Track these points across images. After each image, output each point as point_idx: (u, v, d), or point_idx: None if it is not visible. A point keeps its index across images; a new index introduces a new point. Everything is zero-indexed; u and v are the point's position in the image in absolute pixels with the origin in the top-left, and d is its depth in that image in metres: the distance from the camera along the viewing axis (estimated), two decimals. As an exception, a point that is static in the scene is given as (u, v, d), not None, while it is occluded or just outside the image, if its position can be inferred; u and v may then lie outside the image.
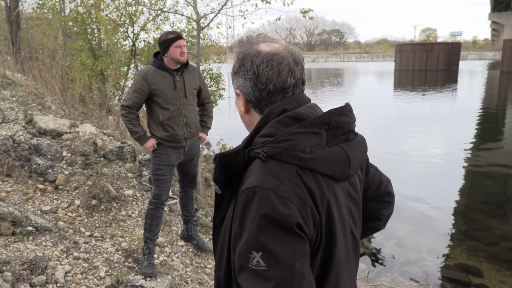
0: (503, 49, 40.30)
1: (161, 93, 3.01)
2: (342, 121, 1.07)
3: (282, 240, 0.90)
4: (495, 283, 4.11)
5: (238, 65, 1.10)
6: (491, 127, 12.69)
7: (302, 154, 0.96)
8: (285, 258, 0.90)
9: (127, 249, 3.54)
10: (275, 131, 1.00)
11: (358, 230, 1.17)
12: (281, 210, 0.91)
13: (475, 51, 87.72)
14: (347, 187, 1.10)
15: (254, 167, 0.99)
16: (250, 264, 0.91)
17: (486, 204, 6.27)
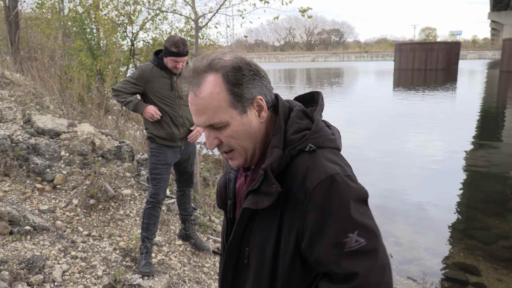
0: (502, 48, 40.31)
1: (156, 92, 3.02)
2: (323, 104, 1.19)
3: (367, 214, 0.99)
4: (492, 281, 4.12)
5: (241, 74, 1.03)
6: (491, 126, 12.71)
7: (332, 137, 1.08)
8: (375, 227, 0.99)
9: (124, 248, 3.55)
10: (305, 124, 1.07)
11: None
12: (358, 187, 1.00)
13: (475, 51, 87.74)
14: None
15: (305, 162, 1.01)
16: (349, 247, 0.95)
17: (484, 203, 6.29)
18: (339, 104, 17.80)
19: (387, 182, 7.22)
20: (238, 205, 1.21)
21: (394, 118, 14.08)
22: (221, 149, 1.09)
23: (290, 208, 1.02)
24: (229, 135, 1.05)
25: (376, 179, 7.39)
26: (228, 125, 1.04)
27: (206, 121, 1.03)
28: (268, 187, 1.01)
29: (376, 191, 6.76)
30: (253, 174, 1.14)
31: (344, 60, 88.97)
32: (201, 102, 1.02)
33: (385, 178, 7.41)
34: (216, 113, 1.02)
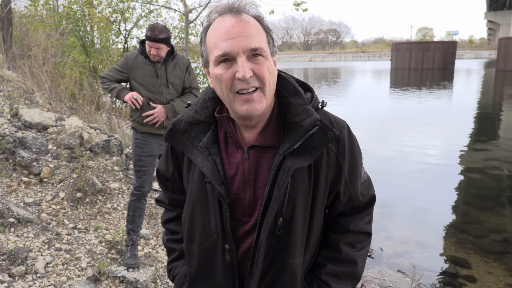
0: (498, 47, 40.42)
1: (140, 78, 2.99)
2: None
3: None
4: (482, 274, 4.10)
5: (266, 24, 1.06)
6: (487, 124, 12.72)
7: None
8: None
9: (110, 241, 3.51)
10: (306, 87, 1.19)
11: None
12: None
13: (471, 50, 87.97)
14: None
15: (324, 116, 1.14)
16: (363, 179, 1.24)
17: (477, 198, 6.27)
18: (336, 103, 17.81)
19: (382, 179, 7.21)
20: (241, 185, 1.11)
21: (392, 117, 14.08)
22: (249, 83, 1.00)
23: (322, 160, 1.10)
24: (267, 67, 1.02)
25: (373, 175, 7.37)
26: (266, 57, 1.03)
27: (252, 44, 0.99)
28: (321, 137, 1.06)
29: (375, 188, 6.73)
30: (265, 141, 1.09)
31: (341, 60, 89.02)
32: (248, 26, 1.00)
33: (381, 175, 7.40)
34: (261, 41, 1.02)
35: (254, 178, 1.10)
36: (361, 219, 1.24)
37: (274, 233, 1.09)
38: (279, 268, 1.11)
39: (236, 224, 1.14)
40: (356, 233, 1.23)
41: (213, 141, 1.13)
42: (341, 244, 1.20)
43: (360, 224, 1.24)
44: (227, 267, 1.14)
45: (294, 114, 1.07)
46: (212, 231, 1.14)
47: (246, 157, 1.10)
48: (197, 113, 1.14)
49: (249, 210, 1.12)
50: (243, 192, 1.11)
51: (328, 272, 1.18)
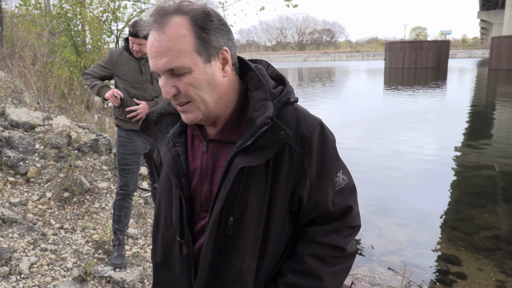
0: (491, 46, 40.67)
1: (124, 75, 2.96)
2: None
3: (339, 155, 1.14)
4: (473, 271, 4.09)
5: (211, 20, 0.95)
6: (481, 122, 12.78)
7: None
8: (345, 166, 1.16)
9: (98, 241, 3.47)
10: (279, 81, 1.11)
11: None
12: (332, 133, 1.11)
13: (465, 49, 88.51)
14: None
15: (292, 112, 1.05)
16: (339, 185, 1.10)
17: (469, 195, 6.28)
18: (331, 103, 17.83)
19: (375, 177, 7.20)
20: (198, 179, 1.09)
21: (385, 116, 14.11)
22: (177, 100, 0.99)
23: (284, 161, 1.01)
24: (189, 83, 0.96)
25: (366, 174, 7.37)
26: (190, 71, 0.95)
27: (167, 65, 0.93)
28: (272, 137, 0.98)
29: (367, 186, 6.74)
30: (222, 136, 1.06)
31: (335, 60, 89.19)
32: (164, 43, 0.93)
33: (374, 174, 7.40)
34: (179, 56, 0.93)
35: (211, 173, 1.08)
36: (336, 231, 1.10)
37: (225, 232, 1.05)
38: (227, 269, 1.07)
39: (196, 218, 1.12)
40: (326, 246, 1.09)
41: (180, 133, 1.12)
42: (306, 255, 1.08)
43: (333, 236, 1.09)
44: (183, 260, 1.12)
45: (252, 109, 1.01)
46: (173, 222, 1.14)
47: (205, 151, 1.08)
48: (169, 105, 1.15)
49: (206, 205, 1.10)
50: (200, 186, 1.09)
51: (286, 283, 1.08)
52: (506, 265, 4.18)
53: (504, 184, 6.74)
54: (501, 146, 9.39)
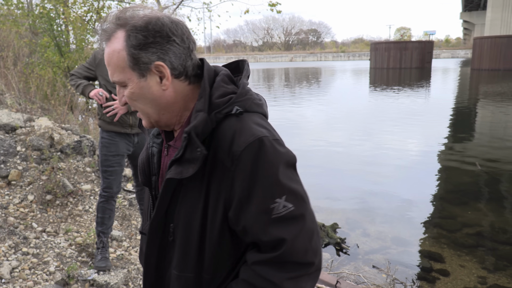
0: (473, 47, 41.40)
1: (106, 75, 2.95)
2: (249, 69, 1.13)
3: (295, 178, 0.98)
4: (455, 267, 4.16)
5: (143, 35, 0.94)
6: (464, 121, 13.00)
7: (259, 102, 1.04)
8: (303, 192, 0.98)
9: (81, 243, 3.43)
10: (231, 88, 1.01)
11: None
12: (286, 151, 0.97)
13: (448, 50, 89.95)
14: None
15: (232, 125, 0.96)
16: (277, 213, 0.93)
17: (452, 193, 6.39)
18: (317, 103, 17.95)
19: (361, 177, 7.27)
20: (161, 180, 1.14)
21: (371, 116, 14.26)
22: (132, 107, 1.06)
23: (217, 176, 0.97)
24: (128, 96, 1.01)
25: (352, 173, 7.44)
26: (126, 86, 1.00)
27: (112, 77, 1.01)
28: (192, 153, 0.95)
29: (353, 185, 6.80)
30: (175, 143, 1.08)
31: (321, 60, 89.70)
32: (107, 57, 0.99)
33: (360, 173, 7.47)
34: (116, 71, 0.99)
35: None
36: (274, 263, 0.96)
37: (167, 238, 1.08)
38: (168, 276, 1.10)
39: None
40: (258, 276, 0.97)
41: (158, 134, 1.17)
42: (241, 279, 1.01)
43: (269, 269, 0.96)
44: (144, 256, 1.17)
45: (191, 120, 0.99)
46: (148, 218, 1.20)
47: (166, 154, 1.12)
48: None
49: None
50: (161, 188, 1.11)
51: None
52: (487, 261, 4.26)
53: (485, 181, 6.87)
54: (483, 143, 9.58)
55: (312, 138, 10.39)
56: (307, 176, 7.20)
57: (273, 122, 1.07)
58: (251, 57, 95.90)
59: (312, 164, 7.97)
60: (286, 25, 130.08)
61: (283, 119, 13.20)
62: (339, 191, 6.48)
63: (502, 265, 4.17)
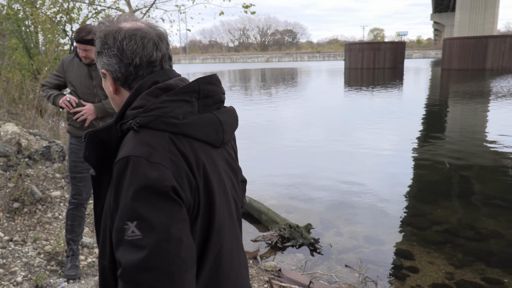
0: (443, 47, 42.62)
1: (74, 81, 2.91)
2: (212, 90, 1.09)
3: (156, 206, 0.90)
4: (424, 264, 4.29)
5: (100, 44, 1.09)
6: (435, 120, 13.37)
7: (175, 120, 0.98)
8: (160, 224, 0.89)
9: (50, 252, 3.35)
10: (146, 102, 1.01)
11: (239, 198, 1.21)
12: (155, 175, 0.91)
13: (419, 50, 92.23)
14: (225, 154, 1.15)
15: (127, 138, 0.99)
16: (126, 236, 0.90)
17: (422, 191, 6.56)
18: (293, 103, 18.10)
19: (335, 177, 7.37)
20: None
21: (346, 115, 14.48)
22: None
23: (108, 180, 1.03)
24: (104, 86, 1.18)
25: (326, 174, 7.53)
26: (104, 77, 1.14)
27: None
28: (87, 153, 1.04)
29: (327, 185, 6.89)
30: None
31: (297, 60, 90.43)
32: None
33: (334, 173, 7.57)
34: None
35: None
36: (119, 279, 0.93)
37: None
38: None
39: None
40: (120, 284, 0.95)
41: None
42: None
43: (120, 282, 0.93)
44: None
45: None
46: None
47: None
48: None
49: None
50: None
51: None
52: (455, 257, 4.41)
53: (454, 179, 7.09)
54: (453, 142, 9.88)
55: (288, 138, 10.48)
56: (283, 177, 7.26)
57: (249, 123, 1.04)
58: (227, 57, 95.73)
59: (288, 164, 8.04)
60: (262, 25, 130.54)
61: (259, 119, 13.26)
62: (314, 191, 6.56)
63: (468, 261, 4.32)
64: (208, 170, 1.01)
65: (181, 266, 0.90)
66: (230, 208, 1.10)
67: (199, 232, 1.00)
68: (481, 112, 14.70)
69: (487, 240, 4.80)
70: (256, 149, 9.53)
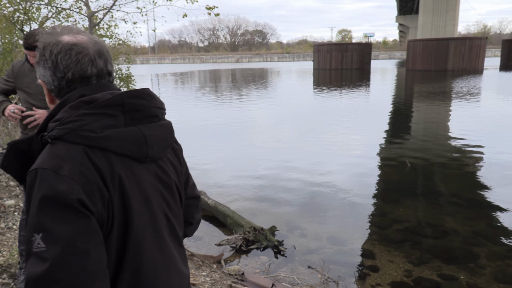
0: (407, 49, 43.92)
1: (26, 87, 2.83)
2: (139, 104, 1.08)
3: (61, 219, 0.91)
4: (384, 263, 4.40)
5: (39, 55, 1.12)
6: (400, 120, 13.76)
7: (90, 133, 0.98)
8: (64, 236, 0.90)
9: (2, 264, 3.22)
10: (66, 115, 1.02)
11: (175, 213, 1.19)
12: (61, 188, 0.92)
13: (386, 51, 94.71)
14: (155, 169, 1.12)
15: (43, 151, 1.00)
16: (33, 247, 0.90)
17: (384, 191, 6.74)
18: (264, 103, 18.18)
19: (304, 178, 7.45)
20: None
21: (315, 116, 14.68)
22: None
23: None
24: None
25: (295, 175, 7.60)
26: None
27: None
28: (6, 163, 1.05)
29: (294, 187, 6.95)
30: None
31: (267, 61, 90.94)
32: None
33: (303, 174, 7.65)
34: None
35: None
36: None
37: None
38: None
39: None
40: None
41: None
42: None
43: None
44: None
45: None
46: None
47: None
48: None
49: None
50: None
51: None
52: (413, 255, 4.55)
53: (415, 178, 7.32)
54: (416, 141, 10.20)
55: (257, 139, 10.51)
56: (250, 179, 7.27)
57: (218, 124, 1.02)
58: (197, 58, 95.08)
59: (256, 166, 8.06)
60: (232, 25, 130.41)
61: (228, 120, 13.23)
62: (281, 193, 6.61)
63: (426, 258, 4.47)
64: (125, 184, 1.01)
65: (86, 279, 0.90)
66: (155, 223, 1.09)
67: (115, 245, 1.00)
68: (443, 112, 15.26)
69: (444, 237, 4.98)
70: (225, 150, 9.51)
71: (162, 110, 1.16)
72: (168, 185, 1.16)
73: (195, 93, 24.52)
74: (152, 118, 1.11)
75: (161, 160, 1.15)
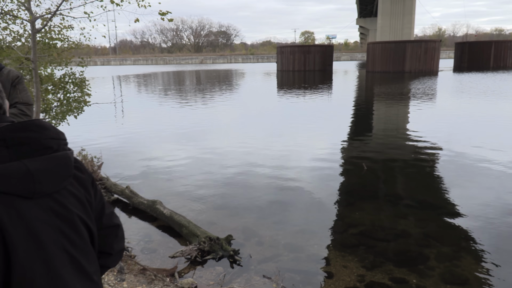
0: (367, 51, 45.18)
1: None
2: (26, 136, 1.02)
3: None
4: (339, 268, 4.46)
5: None
6: (361, 122, 14.09)
7: None
8: None
9: None
10: None
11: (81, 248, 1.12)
12: None
13: (347, 53, 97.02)
14: (50, 204, 1.05)
15: None
16: None
17: (341, 195, 6.84)
18: (229, 105, 18.11)
19: (263, 181, 7.44)
20: None
21: (278, 118, 14.76)
22: None
23: None
24: None
25: (255, 179, 7.57)
26: None
27: None
28: None
29: (254, 192, 6.92)
30: None
31: (231, 62, 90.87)
32: None
33: (263, 178, 7.64)
34: None
35: None
36: None
37: None
38: None
39: None
40: None
41: None
42: None
43: None
44: None
45: None
46: None
47: None
48: None
49: None
50: None
51: None
52: (367, 259, 4.63)
53: (371, 181, 7.49)
54: (375, 144, 10.45)
55: (220, 143, 10.43)
56: (208, 187, 7.18)
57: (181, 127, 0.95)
58: (160, 59, 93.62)
59: (216, 170, 7.99)
60: (195, 26, 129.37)
61: (193, 124, 13.06)
62: (239, 200, 6.57)
63: (378, 262, 4.56)
64: (5, 223, 0.94)
65: None
66: (49, 261, 1.02)
67: None
68: (402, 113, 15.78)
69: (396, 240, 5.11)
70: (187, 155, 9.37)
71: (59, 141, 1.08)
72: (69, 220, 1.09)
73: (159, 96, 24.12)
74: (44, 150, 1.03)
75: (59, 193, 1.08)
